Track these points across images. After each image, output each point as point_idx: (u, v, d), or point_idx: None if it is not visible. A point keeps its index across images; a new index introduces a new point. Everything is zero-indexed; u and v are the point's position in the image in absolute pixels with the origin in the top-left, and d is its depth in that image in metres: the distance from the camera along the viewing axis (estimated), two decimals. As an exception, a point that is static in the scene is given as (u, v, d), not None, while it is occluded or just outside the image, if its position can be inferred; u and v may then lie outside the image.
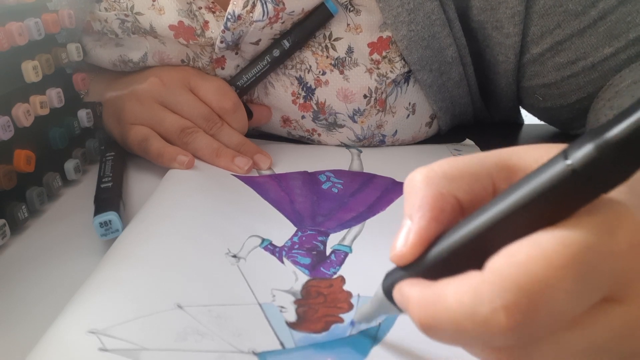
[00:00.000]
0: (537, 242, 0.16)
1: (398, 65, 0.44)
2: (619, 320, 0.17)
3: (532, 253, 0.16)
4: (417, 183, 0.20)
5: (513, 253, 0.17)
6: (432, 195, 0.20)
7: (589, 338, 0.17)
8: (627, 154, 0.15)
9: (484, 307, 0.16)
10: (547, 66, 0.44)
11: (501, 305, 0.16)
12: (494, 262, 0.17)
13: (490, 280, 0.17)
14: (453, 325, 0.17)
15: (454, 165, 0.20)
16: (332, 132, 0.48)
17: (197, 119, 0.43)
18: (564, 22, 0.41)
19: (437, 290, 0.18)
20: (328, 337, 0.25)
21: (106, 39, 0.46)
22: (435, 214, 0.19)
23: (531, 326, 0.16)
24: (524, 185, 0.17)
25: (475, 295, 0.17)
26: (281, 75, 0.46)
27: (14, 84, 0.35)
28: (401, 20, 0.42)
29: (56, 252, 0.33)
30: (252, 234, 0.33)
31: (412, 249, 0.20)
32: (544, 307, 0.16)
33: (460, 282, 0.18)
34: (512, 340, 0.17)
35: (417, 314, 0.18)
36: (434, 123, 0.50)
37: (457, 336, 0.18)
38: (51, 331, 0.24)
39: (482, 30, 0.44)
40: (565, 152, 0.16)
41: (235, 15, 0.41)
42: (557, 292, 0.16)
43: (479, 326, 0.17)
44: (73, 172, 0.41)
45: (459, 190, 0.20)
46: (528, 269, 0.16)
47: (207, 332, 0.24)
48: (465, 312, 0.17)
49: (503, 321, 0.16)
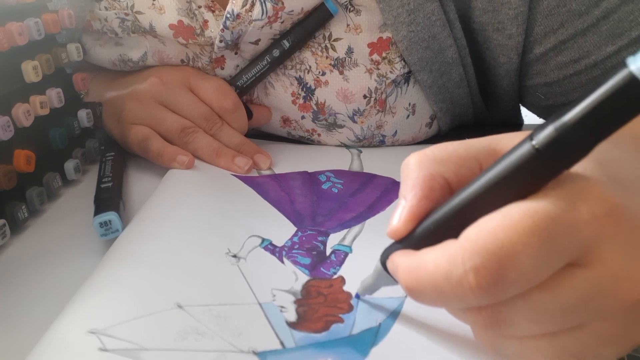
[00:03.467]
0: (506, 213, 0.19)
1: (398, 65, 0.44)
2: (585, 283, 0.19)
3: (500, 222, 0.18)
4: (411, 166, 0.23)
5: (484, 222, 0.19)
6: (423, 176, 0.22)
7: (557, 299, 0.19)
8: (582, 133, 0.17)
9: (457, 270, 0.19)
10: (549, 65, 0.44)
11: (471, 267, 0.18)
12: (467, 231, 0.19)
13: (463, 246, 0.19)
14: (433, 287, 0.20)
15: (444, 149, 0.23)
16: (332, 132, 0.48)
17: (197, 119, 0.43)
18: (568, 21, 0.41)
19: (419, 257, 0.21)
20: (328, 337, 0.25)
21: (106, 38, 0.46)
22: (425, 192, 0.22)
23: (499, 286, 0.18)
24: (497, 164, 0.19)
25: (449, 259, 0.19)
26: (281, 75, 0.46)
27: (14, 84, 0.35)
28: (401, 21, 0.41)
29: (56, 252, 0.33)
30: (252, 234, 0.33)
31: (404, 224, 0.22)
32: (511, 269, 0.18)
33: (439, 249, 0.20)
34: (483, 299, 0.19)
35: (403, 279, 0.21)
36: (434, 123, 0.50)
37: (438, 297, 0.20)
38: (51, 331, 0.24)
39: (482, 32, 0.44)
40: (532, 134, 0.18)
41: (234, 14, 0.41)
42: (522, 256, 0.18)
43: (454, 287, 0.19)
44: (73, 172, 0.41)
45: (448, 172, 0.22)
46: (496, 236, 0.18)
47: (207, 331, 0.24)
48: (442, 275, 0.19)
49: (473, 281, 0.18)
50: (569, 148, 0.18)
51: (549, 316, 0.19)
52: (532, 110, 0.52)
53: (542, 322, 0.20)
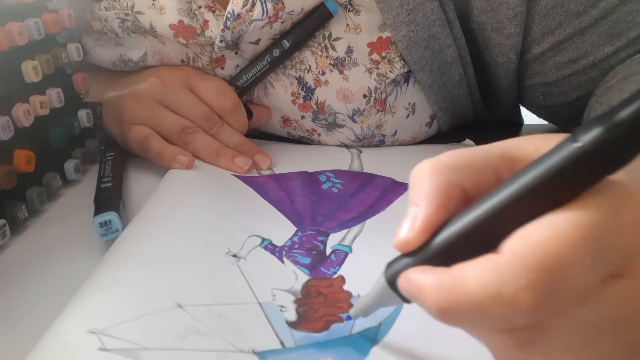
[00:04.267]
0: (551, 223, 0.17)
1: (398, 65, 0.44)
2: (626, 293, 0.18)
3: (549, 233, 0.17)
4: (425, 173, 0.21)
5: (529, 234, 0.17)
6: (440, 184, 0.20)
7: (598, 312, 0.18)
8: (634, 134, 0.16)
9: (508, 287, 0.17)
10: (548, 65, 0.44)
11: (526, 284, 0.17)
12: (511, 244, 0.18)
13: (511, 261, 0.17)
14: (475, 308, 0.18)
15: (461, 156, 0.21)
16: (332, 132, 0.48)
17: (197, 119, 0.43)
18: (566, 21, 0.41)
19: (455, 275, 0.18)
20: (328, 337, 0.25)
21: (106, 39, 0.46)
22: (442, 201, 0.20)
23: (553, 303, 0.17)
24: (534, 168, 0.18)
25: (498, 276, 0.17)
26: (281, 75, 0.46)
27: (14, 84, 0.35)
28: (401, 20, 0.42)
29: (56, 252, 0.33)
30: (252, 234, 0.33)
31: (418, 235, 0.20)
32: (565, 284, 0.17)
33: (480, 265, 0.18)
34: (534, 317, 0.17)
35: (433, 300, 0.18)
36: (433, 123, 0.50)
37: (478, 319, 0.18)
38: (51, 331, 0.24)
39: (481, 32, 0.44)
40: (574, 135, 0.17)
41: (235, 14, 0.41)
42: (576, 268, 0.17)
43: (502, 306, 0.17)
44: (73, 172, 0.41)
45: (466, 180, 0.20)
46: (547, 249, 0.17)
47: (207, 331, 0.24)
48: (488, 294, 0.17)
49: (529, 299, 0.17)
50: (619, 150, 0.16)
51: (587, 330, 0.18)
52: (531, 110, 0.52)
53: (580, 337, 0.19)
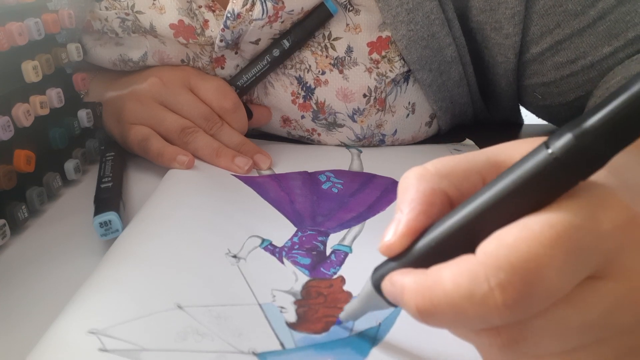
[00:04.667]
0: (524, 225, 0.18)
1: (397, 64, 0.44)
2: (608, 295, 0.18)
3: (521, 234, 0.17)
4: (410, 180, 0.21)
5: (502, 236, 0.18)
6: (423, 190, 0.21)
7: (581, 314, 0.18)
8: (603, 141, 0.16)
9: (480, 287, 0.17)
10: (546, 65, 0.44)
11: (496, 284, 0.17)
12: (485, 245, 0.18)
13: (484, 261, 0.18)
14: (451, 307, 0.18)
15: (445, 163, 0.21)
16: (332, 131, 0.48)
17: (197, 119, 0.43)
18: (564, 22, 0.41)
19: (432, 276, 0.19)
20: (328, 338, 0.25)
21: (106, 38, 0.46)
22: (424, 207, 0.20)
23: (526, 303, 0.17)
24: (509, 174, 0.18)
25: (471, 276, 0.18)
26: (281, 75, 0.46)
27: (14, 84, 0.35)
28: (400, 19, 0.42)
29: (56, 252, 0.33)
30: (252, 234, 0.33)
31: (400, 239, 0.20)
32: (537, 284, 0.17)
33: (455, 266, 0.18)
34: (508, 317, 0.17)
35: (413, 301, 0.19)
36: (433, 123, 0.50)
37: (456, 319, 0.18)
38: (51, 331, 0.24)
39: (480, 32, 0.44)
40: (547, 142, 0.17)
41: (235, 14, 0.41)
42: (548, 269, 0.17)
43: (476, 306, 0.17)
44: (73, 172, 0.41)
45: (449, 187, 0.21)
46: (518, 249, 0.17)
47: (207, 332, 0.24)
48: (462, 294, 0.18)
49: (499, 299, 0.17)
50: (589, 156, 0.17)
51: (571, 332, 0.18)
52: (530, 110, 0.52)
53: (564, 339, 0.19)
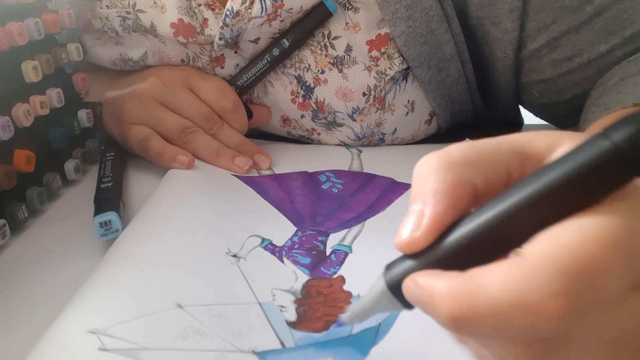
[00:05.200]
0: (581, 227, 0.16)
1: (397, 61, 0.44)
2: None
3: (580, 236, 0.16)
4: (433, 167, 0.19)
5: (558, 237, 0.16)
6: (450, 181, 0.18)
7: (619, 325, 0.17)
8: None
9: (535, 294, 0.16)
10: (543, 62, 0.44)
11: (558, 291, 0.15)
12: (538, 247, 0.16)
13: (540, 264, 0.16)
14: (496, 316, 0.16)
15: (472, 150, 0.19)
16: (332, 131, 0.48)
17: (197, 119, 0.43)
18: (560, 17, 0.41)
19: (473, 280, 0.17)
20: (328, 337, 0.25)
21: (106, 38, 0.46)
22: (453, 200, 0.18)
23: (583, 312, 0.16)
24: (559, 165, 0.16)
25: (523, 281, 0.16)
26: (280, 74, 0.46)
27: (14, 84, 0.35)
28: (399, 16, 0.42)
29: (56, 252, 0.33)
30: (252, 234, 0.33)
31: (425, 235, 0.18)
32: (597, 291, 0.16)
33: (502, 269, 0.16)
34: (561, 327, 0.16)
35: (448, 307, 0.17)
36: (433, 121, 0.50)
37: (496, 330, 0.16)
38: (51, 331, 0.24)
39: (480, 27, 0.44)
40: (605, 133, 0.16)
41: (234, 12, 0.41)
42: (608, 275, 0.15)
43: (528, 315, 0.16)
44: (73, 172, 0.41)
45: (478, 177, 0.19)
46: (580, 252, 0.15)
47: (207, 331, 0.24)
48: (512, 301, 0.16)
49: (559, 307, 0.15)
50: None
51: (607, 343, 0.17)
52: (529, 109, 0.52)
53: (598, 350, 0.17)
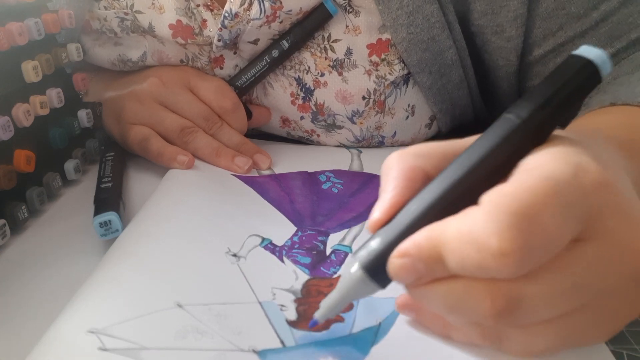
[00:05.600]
0: (520, 179, 0.19)
1: (397, 67, 0.44)
2: (593, 256, 0.19)
3: (520, 185, 0.19)
4: (392, 161, 0.23)
5: (501, 188, 0.19)
6: (403, 168, 0.23)
7: (569, 276, 0.19)
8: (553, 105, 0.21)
9: (481, 232, 0.18)
10: (548, 67, 0.44)
11: (501, 228, 0.18)
12: (486, 196, 0.19)
13: (486, 209, 0.19)
14: (453, 252, 0.19)
15: (424, 145, 0.23)
16: (331, 133, 0.48)
17: (197, 119, 0.43)
18: (566, 24, 0.41)
19: (441, 224, 0.20)
20: (328, 336, 0.25)
21: (105, 38, 0.46)
22: (406, 182, 0.22)
23: (525, 251, 0.18)
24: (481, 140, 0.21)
25: (472, 223, 0.19)
26: (280, 76, 0.46)
27: (14, 84, 0.35)
28: (400, 22, 0.42)
29: (56, 252, 0.33)
30: (252, 233, 0.33)
31: (382, 214, 0.22)
32: (535, 232, 0.18)
33: (461, 215, 0.20)
34: (508, 266, 0.18)
35: (425, 243, 0.20)
36: (433, 124, 0.50)
37: (458, 265, 0.19)
38: (51, 331, 0.24)
39: (481, 35, 0.44)
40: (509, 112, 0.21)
41: (233, 13, 0.41)
42: (545, 218, 0.18)
43: (477, 251, 0.18)
44: (73, 172, 0.41)
45: (428, 165, 0.23)
46: (518, 197, 0.18)
47: (207, 330, 0.24)
48: (464, 238, 0.19)
49: (504, 243, 0.18)
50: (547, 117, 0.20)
51: (561, 296, 0.19)
52: None
53: (554, 304, 0.19)
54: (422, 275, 0.21)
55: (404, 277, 0.21)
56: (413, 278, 0.21)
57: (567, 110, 0.21)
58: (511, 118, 0.21)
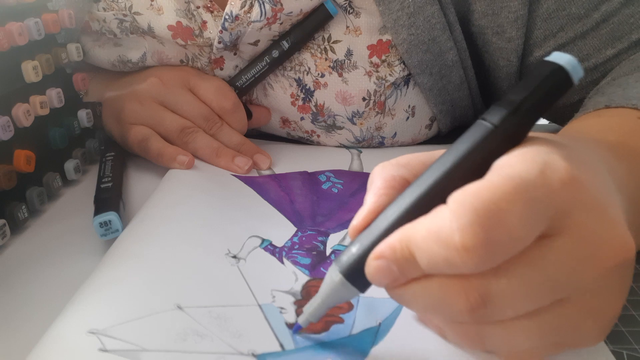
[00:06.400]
0: (486, 179, 0.20)
1: (397, 68, 0.44)
2: (561, 251, 0.19)
3: (484, 184, 0.19)
4: (375, 173, 0.24)
5: (466, 187, 0.20)
6: (384, 177, 0.24)
7: (539, 271, 0.19)
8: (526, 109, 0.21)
9: (446, 229, 0.19)
10: None
11: (464, 224, 0.19)
12: (453, 195, 0.20)
13: (451, 207, 0.19)
14: (421, 251, 0.20)
15: (406, 156, 0.25)
16: (331, 133, 0.48)
17: (197, 119, 0.43)
18: (567, 25, 0.41)
19: (413, 224, 0.21)
20: (328, 337, 0.25)
21: (105, 39, 0.46)
22: (385, 191, 0.23)
23: (487, 247, 0.18)
24: (456, 146, 0.22)
25: (438, 220, 0.20)
26: (280, 76, 0.46)
27: (14, 84, 0.35)
28: (401, 24, 0.41)
29: (56, 252, 0.33)
30: (252, 234, 0.33)
31: (361, 220, 0.23)
32: (497, 229, 0.18)
33: (431, 214, 0.20)
34: (472, 262, 0.19)
35: (397, 244, 0.21)
36: (433, 125, 0.50)
37: (428, 263, 0.20)
38: (51, 331, 0.24)
39: (481, 36, 0.44)
40: (483, 118, 0.22)
41: (233, 16, 0.41)
42: (508, 215, 0.18)
43: (443, 247, 0.19)
44: (73, 172, 0.41)
45: (408, 174, 0.24)
46: (481, 195, 0.19)
47: (207, 333, 0.24)
48: (430, 235, 0.19)
49: (468, 239, 0.18)
50: (519, 122, 0.21)
51: (533, 291, 0.20)
52: None
53: (527, 299, 0.20)
54: (397, 276, 0.21)
55: (380, 279, 0.21)
56: (389, 279, 0.21)
57: (540, 115, 0.22)
58: (484, 124, 0.21)
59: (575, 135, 0.29)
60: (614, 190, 0.22)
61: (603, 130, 0.30)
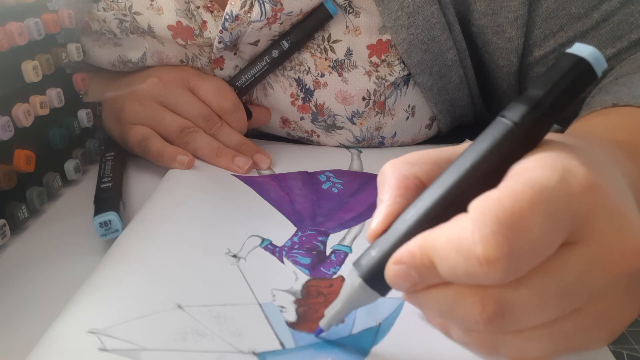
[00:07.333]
0: (507, 186, 0.19)
1: (397, 68, 0.44)
2: (582, 259, 0.19)
3: (506, 192, 0.19)
4: (385, 171, 0.24)
5: (488, 195, 0.19)
6: (397, 177, 0.23)
7: (559, 280, 0.19)
8: (548, 106, 0.20)
9: (467, 239, 0.18)
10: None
11: (486, 234, 0.18)
12: (473, 203, 0.19)
13: (472, 216, 0.19)
14: (441, 260, 0.19)
15: (416, 153, 0.24)
16: (331, 133, 0.48)
17: (197, 119, 0.43)
18: (567, 25, 0.41)
19: (433, 231, 0.20)
20: (328, 337, 0.25)
21: (105, 39, 0.46)
22: (400, 191, 0.23)
23: (511, 258, 0.18)
24: (474, 146, 0.21)
25: (460, 230, 0.19)
26: (280, 76, 0.46)
27: (14, 84, 0.35)
28: (401, 23, 0.42)
29: (56, 252, 0.33)
30: (252, 234, 0.33)
31: (380, 223, 0.23)
32: (521, 239, 0.18)
33: (451, 222, 0.20)
34: (494, 273, 0.18)
35: (417, 251, 0.20)
36: (433, 125, 0.50)
37: (448, 272, 0.19)
38: (51, 331, 0.24)
39: (481, 36, 0.44)
40: (502, 115, 0.21)
41: (233, 16, 0.41)
42: (531, 225, 0.18)
43: (464, 258, 0.19)
44: (73, 172, 0.41)
45: (421, 172, 0.23)
46: (505, 204, 0.18)
47: (207, 332, 0.24)
48: (451, 246, 0.19)
49: (490, 250, 0.18)
50: (541, 119, 0.20)
51: (551, 300, 0.19)
52: None
53: (545, 308, 0.19)
54: (416, 282, 0.21)
55: (399, 284, 0.21)
56: (408, 285, 0.21)
57: (562, 111, 0.21)
58: (504, 121, 0.21)
59: (585, 135, 0.28)
60: (628, 192, 0.22)
61: (612, 129, 0.30)
